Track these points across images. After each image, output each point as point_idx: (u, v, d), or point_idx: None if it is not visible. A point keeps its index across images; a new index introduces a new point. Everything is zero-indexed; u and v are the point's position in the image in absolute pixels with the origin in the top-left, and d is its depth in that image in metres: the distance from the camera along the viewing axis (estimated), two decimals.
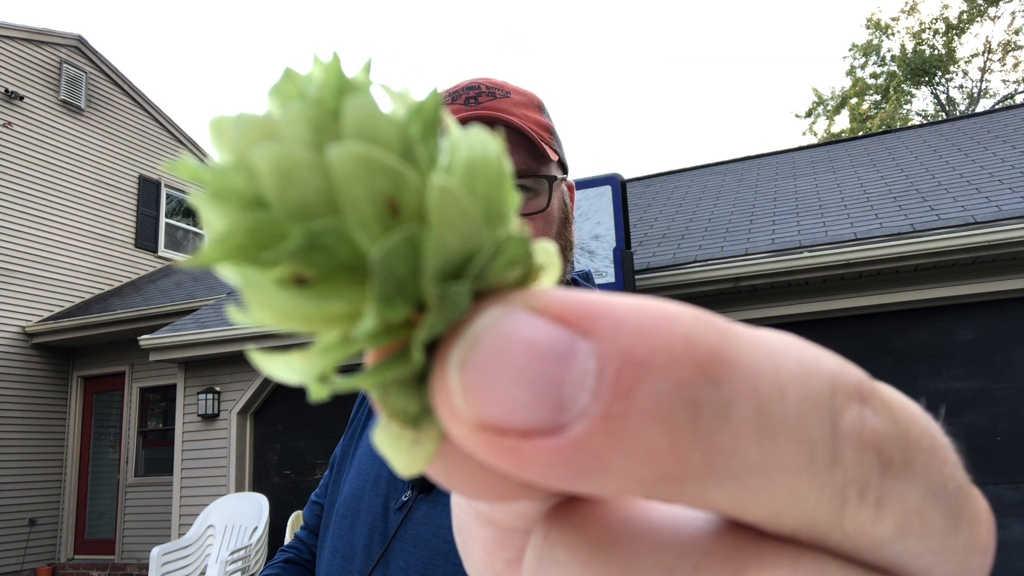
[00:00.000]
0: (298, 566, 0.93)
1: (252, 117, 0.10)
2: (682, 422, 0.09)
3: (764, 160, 8.90)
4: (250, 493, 6.40)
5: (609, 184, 5.64)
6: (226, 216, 0.10)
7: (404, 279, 0.10)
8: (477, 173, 0.10)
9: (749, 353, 0.10)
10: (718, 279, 5.38)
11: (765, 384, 0.10)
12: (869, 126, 20.03)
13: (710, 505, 0.10)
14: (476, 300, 0.11)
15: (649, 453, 0.09)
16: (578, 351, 0.10)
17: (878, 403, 0.11)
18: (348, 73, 0.11)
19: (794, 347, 0.11)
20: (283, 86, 0.11)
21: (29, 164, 9.62)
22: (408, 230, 0.10)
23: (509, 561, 0.14)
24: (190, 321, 7.50)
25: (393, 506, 0.77)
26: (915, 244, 4.87)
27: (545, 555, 0.12)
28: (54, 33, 10.34)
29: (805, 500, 0.10)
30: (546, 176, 0.81)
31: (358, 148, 0.09)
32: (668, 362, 0.09)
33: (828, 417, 0.10)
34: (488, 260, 0.10)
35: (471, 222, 0.10)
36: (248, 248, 0.10)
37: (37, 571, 8.79)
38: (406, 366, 0.10)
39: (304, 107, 0.10)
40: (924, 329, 5.27)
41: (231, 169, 0.10)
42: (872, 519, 0.10)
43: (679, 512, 0.11)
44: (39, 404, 9.17)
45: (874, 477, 0.10)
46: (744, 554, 0.10)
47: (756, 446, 0.10)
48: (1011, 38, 19.15)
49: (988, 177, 5.95)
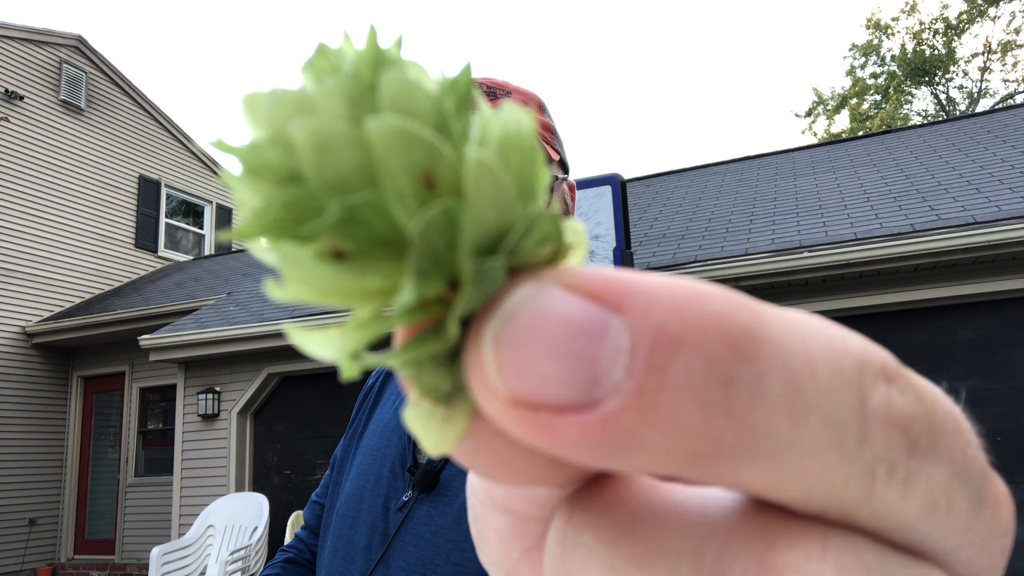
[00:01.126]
0: (299, 566, 0.93)
1: (287, 92, 0.10)
2: (716, 398, 0.09)
3: (764, 160, 8.90)
4: (250, 493, 6.40)
5: (609, 184, 5.64)
6: (260, 192, 0.10)
7: (441, 254, 0.10)
8: (511, 148, 0.10)
9: (780, 331, 0.10)
10: (718, 279, 5.38)
11: (796, 361, 0.10)
12: (869, 126, 20.03)
13: (740, 483, 0.10)
14: (509, 275, 0.10)
15: (683, 429, 0.09)
16: (611, 327, 0.10)
17: (904, 383, 0.11)
18: (386, 46, 0.10)
19: (823, 327, 0.11)
20: (317, 61, 0.11)
21: (29, 164, 9.62)
22: (445, 203, 0.10)
23: (526, 550, 0.14)
24: (190, 321, 7.50)
25: (393, 506, 0.77)
26: (915, 244, 4.87)
27: (569, 538, 0.12)
28: (54, 33, 10.34)
29: (835, 478, 0.10)
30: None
31: (397, 121, 0.09)
32: (702, 338, 0.09)
33: (856, 395, 0.10)
34: (522, 236, 0.10)
35: (506, 197, 0.10)
36: (285, 222, 0.10)
37: (37, 571, 8.79)
38: (440, 342, 0.10)
39: (340, 81, 0.10)
40: (924, 329, 5.27)
41: (266, 144, 0.10)
42: (900, 498, 0.10)
43: (703, 492, 0.11)
44: (39, 404, 9.17)
45: (902, 456, 0.10)
46: (773, 531, 0.10)
47: (788, 423, 0.10)
48: (1011, 38, 19.16)
49: (988, 177, 5.95)
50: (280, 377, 7.18)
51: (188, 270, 10.69)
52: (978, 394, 5.04)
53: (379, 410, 0.91)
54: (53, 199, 9.83)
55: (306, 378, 7.15)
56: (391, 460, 0.81)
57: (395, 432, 0.84)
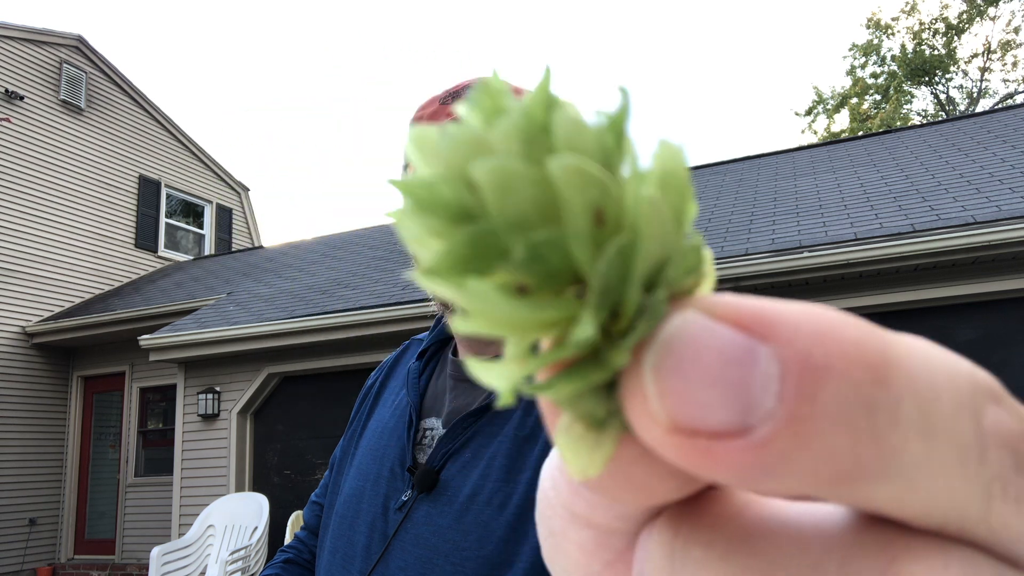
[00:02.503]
0: (298, 566, 0.93)
1: (462, 131, 0.10)
2: (861, 423, 0.10)
3: (764, 160, 8.90)
4: (250, 493, 6.40)
5: None
6: (432, 227, 0.10)
7: (614, 288, 0.10)
8: (669, 183, 0.11)
9: (908, 357, 0.11)
10: (718, 279, 5.37)
11: (923, 385, 0.10)
12: (869, 126, 20.03)
13: (872, 503, 0.11)
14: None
15: (831, 453, 0.10)
16: (760, 356, 0.10)
17: (1009, 404, 0.11)
18: (553, 87, 0.11)
19: (937, 351, 0.11)
20: (482, 100, 0.11)
21: (29, 164, 9.62)
22: (621, 241, 0.10)
23: (608, 563, 0.14)
24: (190, 321, 7.50)
25: (393, 506, 0.77)
26: (915, 244, 4.87)
27: (679, 552, 0.12)
28: (54, 33, 10.34)
29: (958, 495, 0.10)
30: None
31: (576, 161, 0.10)
32: (845, 366, 0.10)
33: (973, 416, 0.11)
34: (675, 269, 0.11)
35: (669, 232, 0.11)
36: (470, 258, 0.10)
37: (37, 571, 8.79)
38: (604, 371, 0.11)
39: (515, 120, 0.10)
40: (924, 329, 5.27)
41: (442, 181, 0.10)
42: (1015, 514, 0.11)
43: (814, 508, 0.12)
44: (39, 404, 9.17)
45: (1012, 474, 0.11)
46: (894, 547, 0.11)
47: (921, 444, 0.10)
48: (1011, 38, 19.16)
49: (988, 177, 5.95)
50: (280, 377, 7.18)
51: (188, 270, 10.69)
52: None
53: (378, 410, 0.91)
54: (53, 199, 9.84)
55: (306, 378, 7.15)
56: (391, 460, 0.81)
57: (395, 432, 0.84)
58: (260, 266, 9.84)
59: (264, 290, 8.27)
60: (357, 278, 7.67)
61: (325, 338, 6.49)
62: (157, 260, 11.34)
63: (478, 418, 0.77)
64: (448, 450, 0.77)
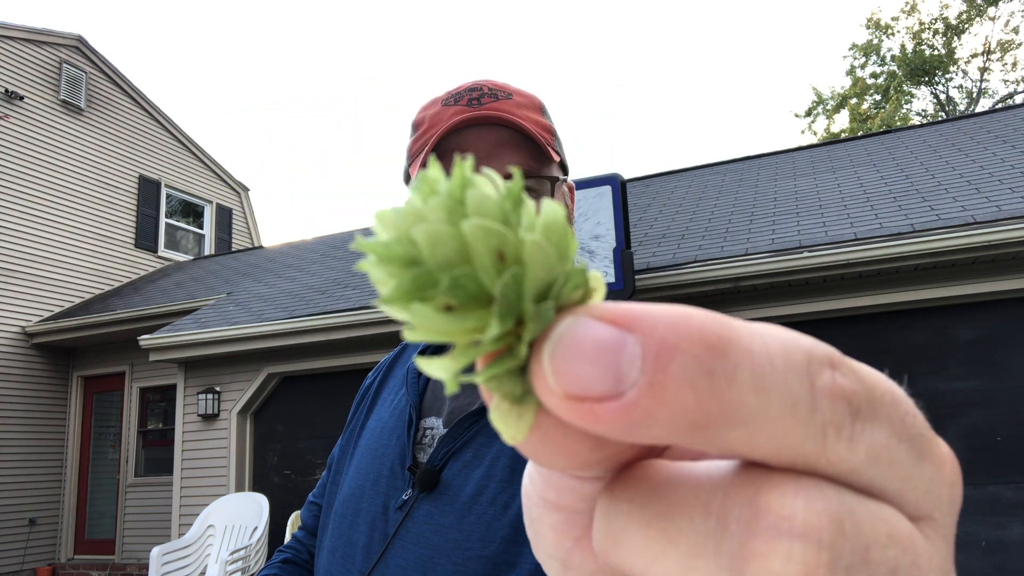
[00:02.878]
0: (296, 566, 0.93)
1: (407, 208, 0.15)
2: (703, 384, 0.13)
3: (764, 160, 8.90)
4: (250, 493, 6.41)
5: (609, 184, 5.64)
6: (391, 272, 0.15)
7: (512, 302, 0.15)
8: (552, 229, 0.15)
9: (747, 336, 0.14)
10: (718, 279, 5.38)
11: (758, 355, 0.14)
12: (869, 126, 20.04)
13: (729, 447, 0.14)
14: (556, 313, 0.15)
15: (682, 408, 0.13)
16: (627, 342, 0.14)
17: (846, 368, 0.15)
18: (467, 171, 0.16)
19: (779, 331, 0.15)
20: (421, 186, 0.16)
21: (29, 164, 9.62)
22: (514, 271, 0.15)
23: (577, 539, 0.18)
24: (190, 321, 7.51)
25: (393, 505, 0.77)
26: (915, 244, 4.87)
27: (611, 508, 0.15)
28: (54, 33, 10.34)
29: (795, 438, 0.14)
30: (548, 176, 0.82)
31: (479, 221, 0.15)
32: (689, 344, 0.13)
33: (806, 377, 0.14)
34: (562, 286, 0.15)
35: (551, 262, 0.15)
36: (414, 291, 0.15)
37: (37, 571, 8.79)
38: (514, 360, 0.15)
39: (442, 198, 0.15)
40: (924, 329, 5.27)
41: (395, 242, 0.15)
42: (848, 450, 0.14)
43: (709, 463, 0.15)
44: (39, 404, 9.17)
45: (846, 420, 0.14)
46: (759, 481, 0.14)
47: (755, 399, 0.13)
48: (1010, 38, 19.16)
49: (988, 177, 5.95)
50: (280, 377, 7.18)
51: (188, 270, 10.69)
52: (978, 394, 5.04)
53: (377, 410, 0.91)
54: (53, 199, 9.84)
55: (306, 378, 7.15)
56: (390, 459, 0.81)
57: (394, 431, 0.84)
58: (260, 266, 9.84)
59: (264, 290, 8.27)
60: (357, 278, 7.67)
61: (325, 338, 6.49)
62: (157, 260, 11.34)
63: (479, 418, 0.77)
64: (450, 449, 0.77)
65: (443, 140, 0.80)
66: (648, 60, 64.75)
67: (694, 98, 61.50)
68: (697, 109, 61.35)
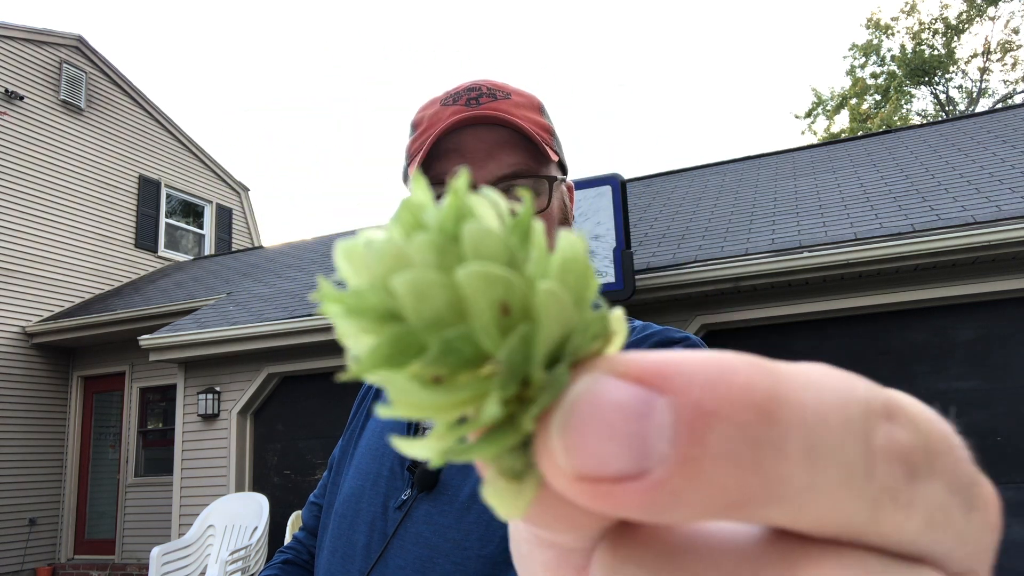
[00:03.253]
0: (297, 567, 0.93)
1: (382, 245, 0.12)
2: (746, 459, 0.11)
3: (764, 160, 8.90)
4: (250, 493, 6.40)
5: (609, 184, 5.64)
6: (361, 327, 0.12)
7: (518, 367, 0.12)
8: (569, 269, 0.12)
9: (797, 391, 0.12)
10: (718, 279, 5.38)
11: (811, 416, 0.11)
12: (869, 126, 20.03)
13: (768, 521, 0.12)
14: (570, 369, 0.12)
15: (719, 487, 0.11)
16: (655, 407, 0.11)
17: (903, 419, 0.12)
18: (463, 197, 0.13)
19: (831, 378, 0.12)
20: (403, 215, 0.13)
21: (29, 164, 9.62)
22: (523, 331, 0.12)
23: None
24: (190, 321, 7.51)
25: (393, 504, 0.77)
26: (915, 244, 4.87)
27: (617, 569, 0.13)
28: (54, 33, 10.34)
29: (845, 509, 0.12)
30: (546, 176, 0.82)
31: (479, 267, 0.11)
32: (732, 409, 0.11)
33: (862, 438, 0.12)
34: (579, 339, 0.12)
35: (568, 313, 0.12)
36: (393, 355, 0.12)
37: (37, 571, 8.79)
38: (516, 435, 0.12)
39: (429, 235, 0.12)
40: (924, 329, 5.27)
41: (368, 291, 0.12)
42: (904, 519, 0.12)
43: (731, 525, 0.13)
44: (39, 404, 9.17)
45: (902, 484, 0.12)
46: (795, 555, 0.12)
47: (806, 472, 0.11)
48: (1010, 38, 19.16)
49: (988, 177, 5.95)
50: (280, 377, 7.18)
51: (188, 270, 10.69)
52: (978, 394, 5.04)
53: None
54: (53, 199, 9.84)
55: (306, 378, 7.15)
56: (390, 459, 0.81)
57: (393, 431, 0.84)
58: (260, 266, 9.84)
59: (264, 290, 8.27)
60: None
61: (325, 338, 6.49)
62: (157, 260, 11.34)
63: None
64: None
65: (441, 140, 0.80)
66: (648, 60, 64.74)
67: (694, 98, 61.49)
68: (697, 109, 61.34)
